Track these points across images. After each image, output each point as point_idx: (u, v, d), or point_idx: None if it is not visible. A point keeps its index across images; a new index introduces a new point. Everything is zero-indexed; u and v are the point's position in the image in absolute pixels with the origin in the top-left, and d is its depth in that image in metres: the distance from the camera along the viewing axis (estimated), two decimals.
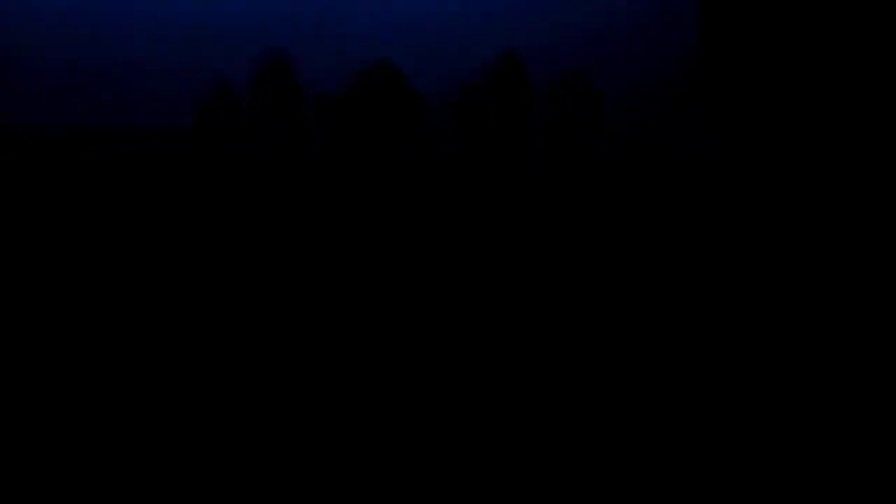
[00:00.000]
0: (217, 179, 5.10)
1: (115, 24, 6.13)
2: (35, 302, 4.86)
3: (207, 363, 4.37)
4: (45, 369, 4.48)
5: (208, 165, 5.10)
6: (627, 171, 5.91)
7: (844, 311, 5.03)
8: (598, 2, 6.48)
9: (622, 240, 5.72)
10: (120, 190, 5.53)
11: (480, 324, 4.88)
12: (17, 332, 4.72)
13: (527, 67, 5.57)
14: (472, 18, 6.32)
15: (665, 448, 4.11)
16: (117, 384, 4.15)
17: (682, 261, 5.65)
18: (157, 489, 3.86)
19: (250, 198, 5.06)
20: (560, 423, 4.23)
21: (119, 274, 5.03)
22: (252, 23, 6.11)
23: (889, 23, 6.92)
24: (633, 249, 5.69)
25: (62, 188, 5.67)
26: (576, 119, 5.56)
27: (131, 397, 4.16)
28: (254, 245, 4.98)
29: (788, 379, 4.53)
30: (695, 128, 6.91)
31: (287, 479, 3.87)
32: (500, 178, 5.23)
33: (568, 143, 5.48)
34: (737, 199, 6.31)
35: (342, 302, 4.74)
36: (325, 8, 6.28)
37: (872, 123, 6.90)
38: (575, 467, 3.93)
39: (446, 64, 6.01)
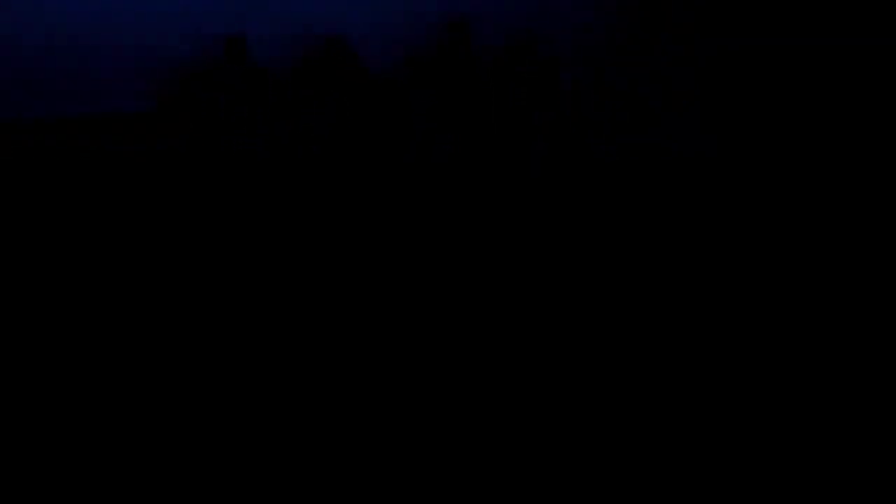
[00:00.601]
0: (187, 167, 5.10)
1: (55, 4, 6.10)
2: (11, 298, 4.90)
3: (198, 362, 4.40)
4: (25, 368, 4.50)
5: (177, 153, 5.10)
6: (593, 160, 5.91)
7: (846, 312, 5.04)
8: None
9: (622, 239, 5.74)
10: (94, 182, 5.52)
11: (478, 312, 4.90)
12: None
13: (472, 34, 5.53)
14: None
15: (665, 449, 4.11)
16: (99, 384, 4.18)
17: (681, 261, 5.67)
18: (156, 489, 3.88)
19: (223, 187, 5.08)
20: (561, 423, 4.23)
21: (99, 269, 5.06)
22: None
23: (889, 22, 6.95)
24: (632, 249, 5.71)
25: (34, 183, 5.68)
26: (527, 88, 5.52)
27: (117, 398, 4.19)
28: (224, 238, 4.99)
29: (789, 379, 4.54)
30: (695, 128, 6.93)
31: (287, 479, 3.88)
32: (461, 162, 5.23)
33: (521, 116, 5.45)
34: (737, 199, 6.34)
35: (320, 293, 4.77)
36: None
37: (873, 123, 6.93)
38: (575, 468, 3.94)
39: (389, 32, 5.97)
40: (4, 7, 6.56)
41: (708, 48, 7.38)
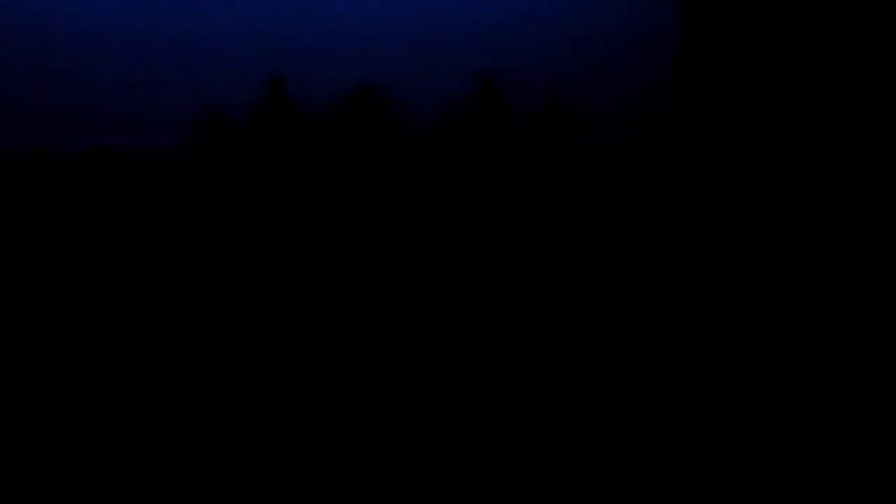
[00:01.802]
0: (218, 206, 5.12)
1: (97, 34, 6.12)
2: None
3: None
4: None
5: (208, 190, 5.12)
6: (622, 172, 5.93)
7: (846, 312, 5.04)
8: (578, 25, 6.52)
9: (621, 239, 5.74)
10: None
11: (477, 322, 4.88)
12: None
13: (505, 91, 5.58)
14: (447, 39, 6.34)
15: (664, 449, 4.11)
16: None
17: (681, 261, 5.67)
18: (156, 489, 3.87)
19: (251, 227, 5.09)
20: (561, 424, 4.22)
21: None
22: (239, 40, 6.13)
23: (889, 22, 6.95)
24: (631, 249, 5.70)
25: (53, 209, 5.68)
26: (558, 141, 5.57)
27: (117, 401, 4.18)
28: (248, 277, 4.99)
29: (789, 379, 4.54)
30: (695, 128, 6.93)
31: (287, 479, 3.88)
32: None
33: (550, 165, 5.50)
34: (737, 199, 6.33)
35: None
36: (314, 28, 6.29)
37: (874, 123, 6.93)
38: (575, 469, 3.94)
39: (420, 86, 6.03)
40: (43, 30, 6.56)
41: (708, 48, 7.37)
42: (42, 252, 5.61)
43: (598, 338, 4.93)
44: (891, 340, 4.89)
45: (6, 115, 6.73)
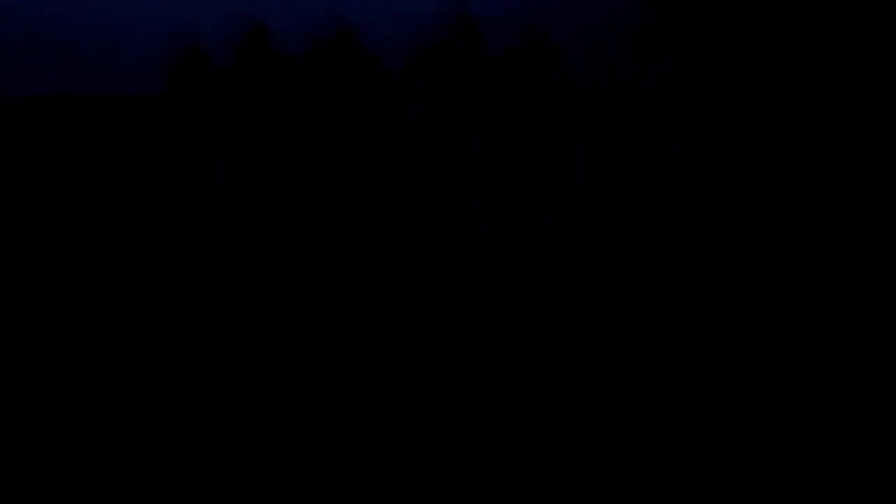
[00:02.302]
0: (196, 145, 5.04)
1: None
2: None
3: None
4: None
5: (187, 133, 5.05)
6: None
7: (846, 311, 5.03)
8: None
9: (620, 240, 5.73)
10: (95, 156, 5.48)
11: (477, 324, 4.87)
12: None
13: (480, 28, 5.54)
14: None
15: (663, 448, 4.11)
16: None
17: (680, 261, 5.66)
18: (155, 488, 3.87)
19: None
20: (560, 422, 4.22)
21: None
22: None
23: (889, 22, 6.94)
24: (630, 249, 5.70)
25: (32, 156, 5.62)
26: (538, 86, 5.51)
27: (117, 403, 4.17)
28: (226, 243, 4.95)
29: (789, 379, 4.53)
30: (695, 128, 6.93)
31: (286, 478, 3.88)
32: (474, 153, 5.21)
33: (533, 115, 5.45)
34: (737, 199, 6.32)
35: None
36: None
37: (874, 123, 6.92)
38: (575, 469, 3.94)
39: (397, 24, 5.96)
40: None
41: (708, 48, 7.37)
42: (42, 252, 5.61)
43: (598, 337, 4.93)
44: (890, 339, 4.89)
45: None
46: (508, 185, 5.74)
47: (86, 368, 4.56)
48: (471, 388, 4.45)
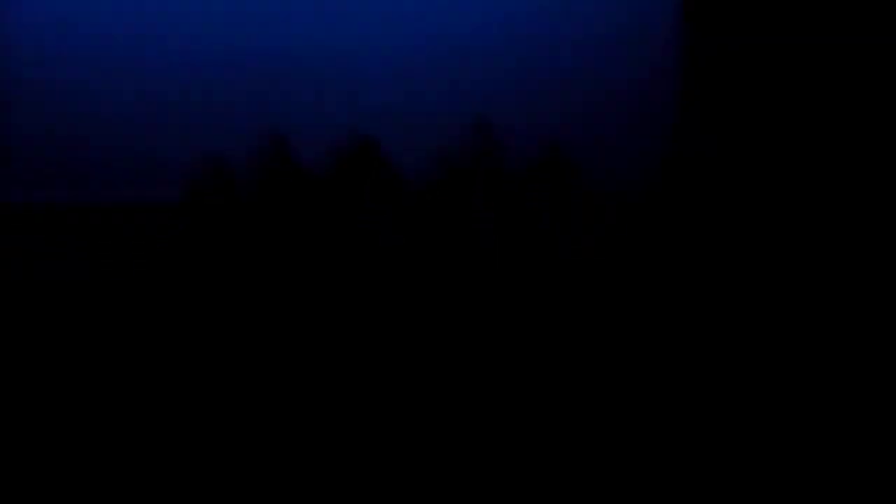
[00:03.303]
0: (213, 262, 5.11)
1: (95, 90, 6.09)
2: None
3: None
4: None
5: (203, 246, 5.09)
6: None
7: (846, 310, 5.02)
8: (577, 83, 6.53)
9: (621, 241, 5.71)
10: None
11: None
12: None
13: (502, 143, 5.58)
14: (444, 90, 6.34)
15: (662, 446, 4.10)
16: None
17: (680, 260, 5.64)
18: (155, 488, 3.87)
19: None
20: (560, 421, 4.21)
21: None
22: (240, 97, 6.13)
23: (889, 22, 6.93)
24: (631, 250, 5.68)
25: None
26: (557, 198, 5.58)
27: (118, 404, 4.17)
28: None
29: (788, 378, 4.53)
30: (695, 128, 6.93)
31: (287, 477, 3.88)
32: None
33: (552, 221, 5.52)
34: (737, 199, 6.32)
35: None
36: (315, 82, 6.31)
37: (873, 123, 6.91)
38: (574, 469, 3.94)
39: (420, 138, 6.03)
40: (44, 87, 6.59)
41: (708, 48, 7.37)
42: (42, 252, 5.61)
43: (598, 336, 4.92)
44: (888, 337, 4.88)
45: (32, 173, 6.80)
46: (508, 186, 5.75)
47: (86, 368, 4.56)
48: (471, 383, 4.44)
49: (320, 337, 4.91)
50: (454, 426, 4.20)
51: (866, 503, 3.78)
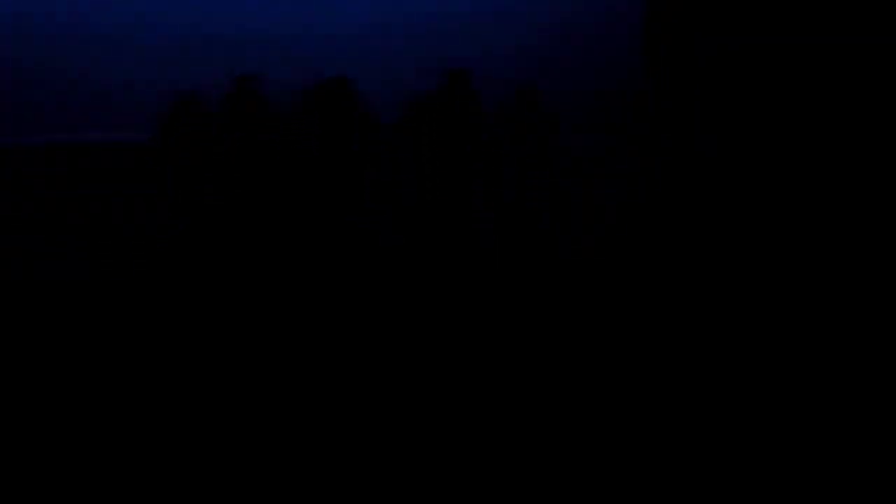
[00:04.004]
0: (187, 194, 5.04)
1: (66, 28, 6.03)
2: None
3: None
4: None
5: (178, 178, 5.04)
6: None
7: (846, 310, 5.01)
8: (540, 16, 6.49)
9: (621, 240, 5.71)
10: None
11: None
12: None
13: (473, 84, 5.53)
14: (416, 31, 6.32)
15: (661, 445, 4.10)
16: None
17: (680, 260, 5.63)
18: (155, 487, 3.87)
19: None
20: (560, 420, 4.21)
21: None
22: (213, 37, 6.08)
23: (889, 22, 6.92)
24: (631, 249, 5.67)
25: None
26: (530, 140, 5.51)
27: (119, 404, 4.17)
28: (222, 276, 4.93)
29: (787, 377, 4.52)
30: (695, 128, 6.92)
31: (285, 476, 3.87)
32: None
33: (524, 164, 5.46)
34: (737, 199, 6.31)
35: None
36: (281, 24, 6.28)
37: (873, 123, 6.90)
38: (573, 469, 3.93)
39: (392, 79, 5.98)
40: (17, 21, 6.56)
41: (708, 48, 7.37)
42: (42, 252, 5.61)
43: (598, 336, 4.92)
44: (888, 336, 4.88)
45: None
46: (507, 187, 5.75)
47: (85, 368, 4.56)
48: (471, 383, 4.44)
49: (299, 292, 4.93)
50: (452, 420, 4.20)
51: (866, 503, 3.78)
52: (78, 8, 6.59)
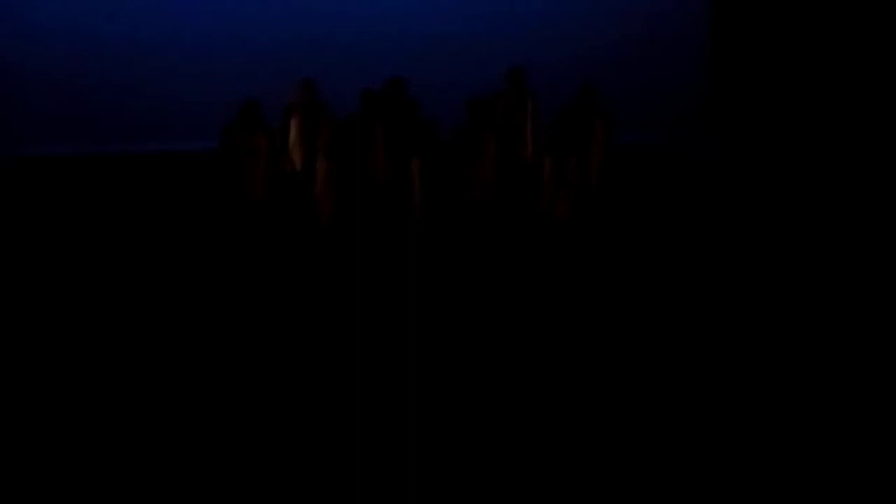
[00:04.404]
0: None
1: (121, 39, 6.10)
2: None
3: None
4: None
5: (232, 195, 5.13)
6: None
7: (846, 312, 4.99)
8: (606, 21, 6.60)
9: (621, 240, 5.71)
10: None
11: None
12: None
13: (534, 85, 5.60)
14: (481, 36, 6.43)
15: (661, 444, 4.09)
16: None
17: (681, 262, 5.63)
18: (155, 487, 3.87)
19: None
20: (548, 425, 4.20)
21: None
22: (268, 45, 6.21)
23: (890, 25, 6.94)
24: (632, 249, 5.67)
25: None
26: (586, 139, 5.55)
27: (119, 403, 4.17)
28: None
29: (788, 379, 4.51)
30: (695, 128, 6.93)
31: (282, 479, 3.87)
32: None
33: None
34: (737, 199, 6.31)
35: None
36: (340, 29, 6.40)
37: (873, 123, 6.92)
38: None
39: (454, 83, 6.06)
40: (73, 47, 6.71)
41: (708, 48, 7.36)
42: (42, 252, 5.62)
43: (598, 336, 4.92)
44: (888, 336, 4.88)
45: (53, 124, 6.91)
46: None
47: (86, 368, 4.56)
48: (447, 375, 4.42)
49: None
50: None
51: (866, 502, 3.76)
52: (139, 22, 6.74)
